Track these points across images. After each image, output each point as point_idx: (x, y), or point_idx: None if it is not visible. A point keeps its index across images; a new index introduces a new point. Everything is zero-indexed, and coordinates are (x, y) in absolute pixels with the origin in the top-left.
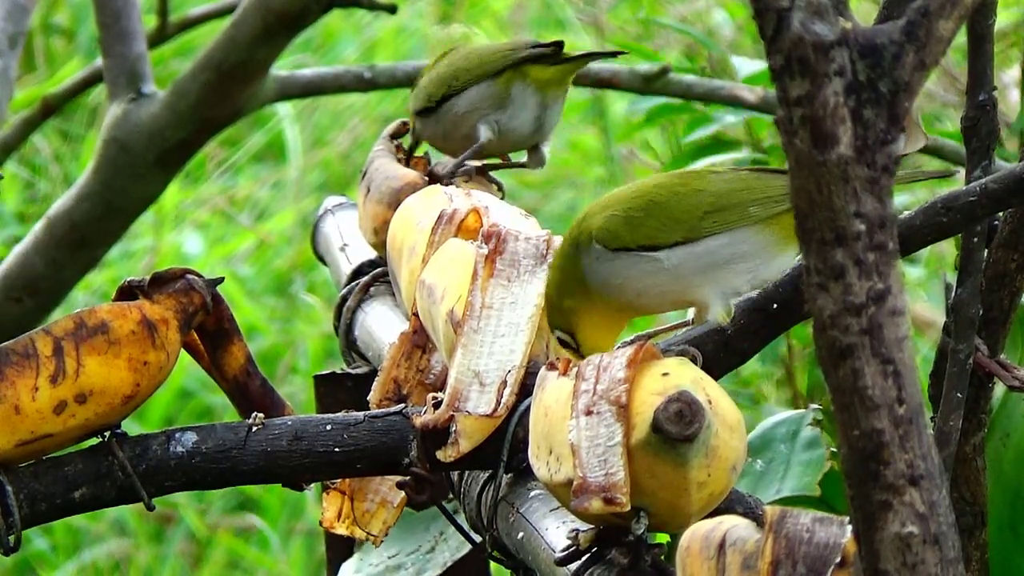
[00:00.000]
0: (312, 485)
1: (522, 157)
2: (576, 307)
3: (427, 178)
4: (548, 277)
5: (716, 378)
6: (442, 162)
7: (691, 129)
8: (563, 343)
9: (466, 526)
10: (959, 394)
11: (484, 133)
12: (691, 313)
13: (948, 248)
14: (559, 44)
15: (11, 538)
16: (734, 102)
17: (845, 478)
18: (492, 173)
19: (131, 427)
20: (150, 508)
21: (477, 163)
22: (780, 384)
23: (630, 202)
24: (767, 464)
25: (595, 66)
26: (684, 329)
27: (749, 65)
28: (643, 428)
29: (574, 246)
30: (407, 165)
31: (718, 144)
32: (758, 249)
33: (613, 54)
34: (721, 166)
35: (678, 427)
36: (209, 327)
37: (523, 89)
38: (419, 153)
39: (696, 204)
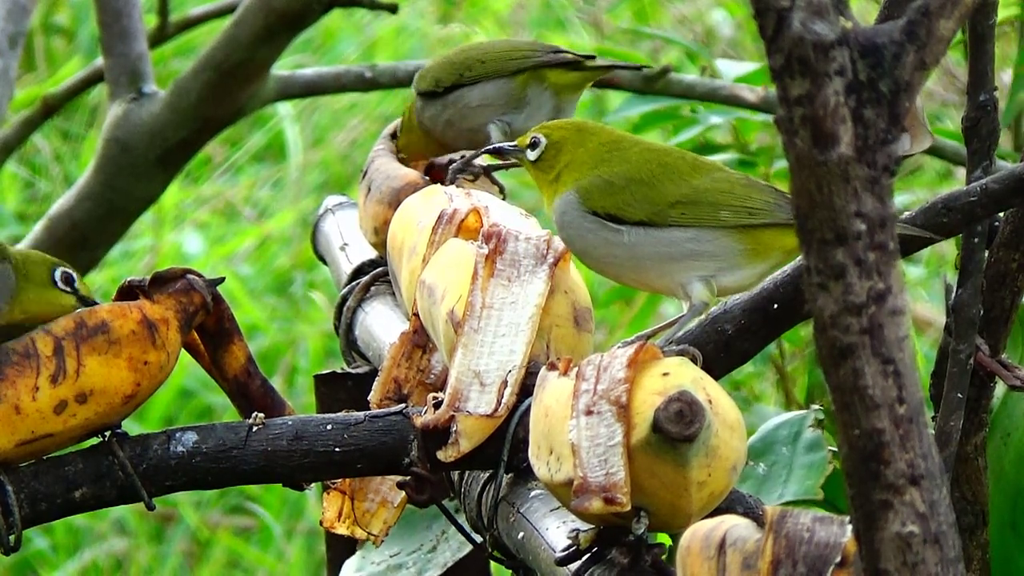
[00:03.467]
0: (312, 485)
1: None
2: (550, 174)
3: (426, 171)
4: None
5: (716, 378)
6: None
7: (678, 131)
8: (534, 142)
9: (467, 526)
10: (960, 394)
11: (495, 135)
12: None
13: (949, 248)
14: (588, 57)
15: (11, 537)
16: (734, 102)
17: (846, 478)
18: (494, 174)
19: (131, 427)
20: (150, 508)
21: (483, 163)
22: (776, 386)
23: (623, 166)
24: (769, 468)
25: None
26: (678, 323)
27: (736, 68)
28: (643, 428)
29: (572, 182)
30: (407, 165)
31: (706, 148)
32: (721, 253)
33: (638, 67)
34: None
35: (678, 427)
36: (209, 327)
37: (540, 92)
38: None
39: (671, 191)
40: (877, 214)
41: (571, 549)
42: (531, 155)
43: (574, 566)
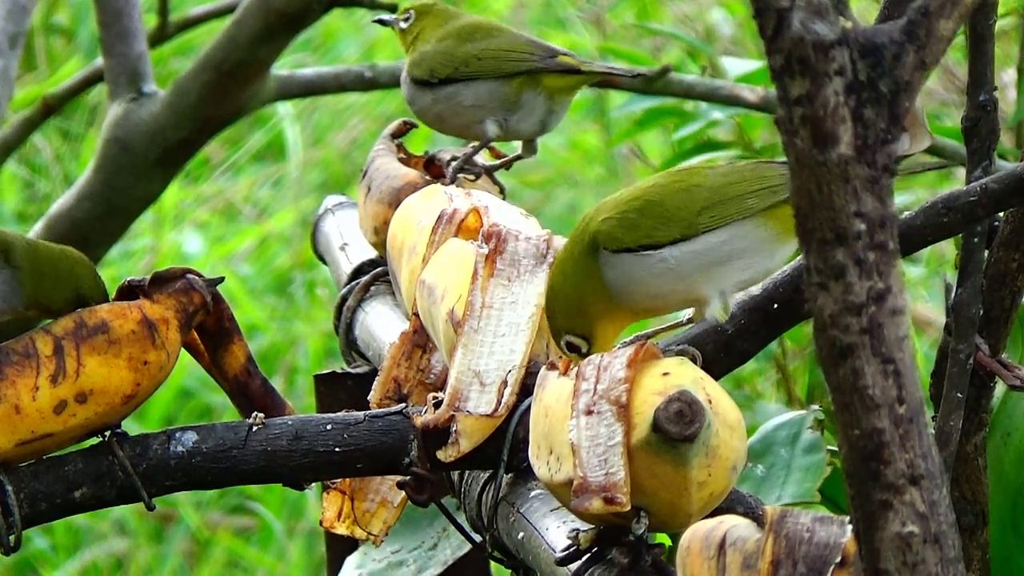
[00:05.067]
0: (312, 484)
1: (515, 148)
2: (599, 311)
3: (426, 168)
4: (558, 279)
5: (716, 378)
6: (445, 149)
7: (680, 128)
8: (572, 347)
9: (466, 525)
10: (960, 394)
11: (492, 130)
12: (685, 313)
13: (949, 247)
14: (584, 63)
15: (11, 537)
16: (735, 102)
17: (846, 478)
18: (495, 173)
19: (131, 427)
20: (150, 508)
21: (483, 163)
22: (778, 385)
23: (625, 204)
24: (768, 469)
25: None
26: (683, 328)
27: (740, 65)
28: (643, 428)
29: (589, 250)
30: (408, 165)
31: (710, 144)
32: (758, 243)
33: (633, 75)
34: (718, 162)
35: (678, 427)
36: (209, 326)
37: (534, 96)
38: (419, 153)
39: (692, 200)
40: (877, 214)
41: (571, 549)
42: (583, 348)
43: (574, 566)
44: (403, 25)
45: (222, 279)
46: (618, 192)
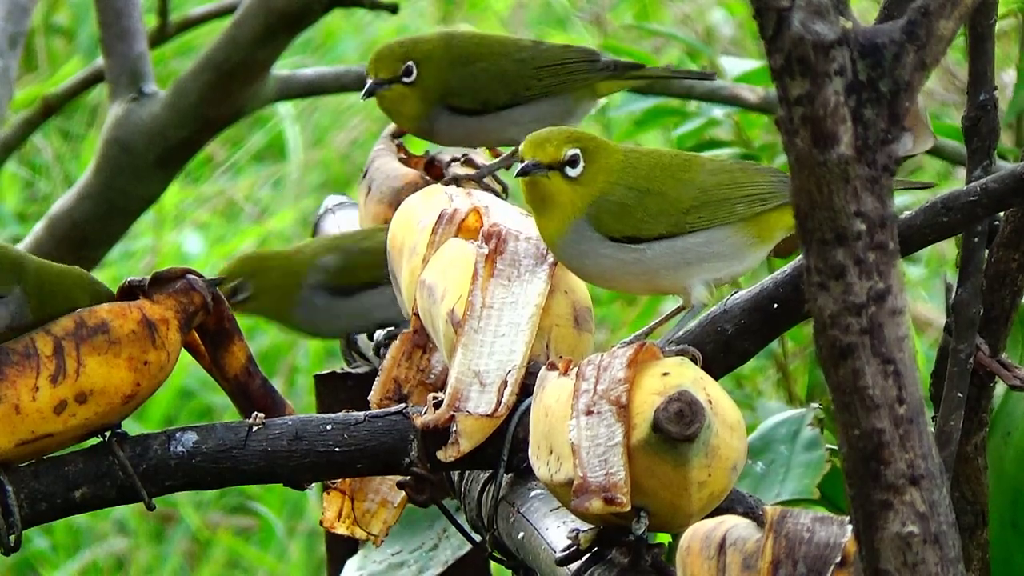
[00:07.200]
0: (313, 484)
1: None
2: (583, 190)
3: (427, 169)
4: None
5: (716, 378)
6: (445, 150)
7: (681, 126)
8: (573, 160)
9: (467, 526)
10: (960, 393)
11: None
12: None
13: (949, 247)
14: (638, 67)
15: (11, 537)
16: (735, 102)
17: (846, 478)
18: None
19: (131, 427)
20: (150, 508)
21: (484, 162)
22: (778, 384)
23: (636, 179)
24: (767, 466)
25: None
26: (677, 318)
27: (740, 65)
28: (643, 428)
29: (577, 209)
30: (408, 165)
31: (710, 144)
32: (733, 248)
33: (703, 76)
34: (715, 158)
35: (678, 427)
36: (210, 327)
37: (588, 104)
38: (419, 153)
39: (683, 197)
40: (877, 214)
41: (571, 549)
42: (572, 172)
43: (574, 566)
44: (406, 80)
45: (223, 279)
46: (635, 154)
